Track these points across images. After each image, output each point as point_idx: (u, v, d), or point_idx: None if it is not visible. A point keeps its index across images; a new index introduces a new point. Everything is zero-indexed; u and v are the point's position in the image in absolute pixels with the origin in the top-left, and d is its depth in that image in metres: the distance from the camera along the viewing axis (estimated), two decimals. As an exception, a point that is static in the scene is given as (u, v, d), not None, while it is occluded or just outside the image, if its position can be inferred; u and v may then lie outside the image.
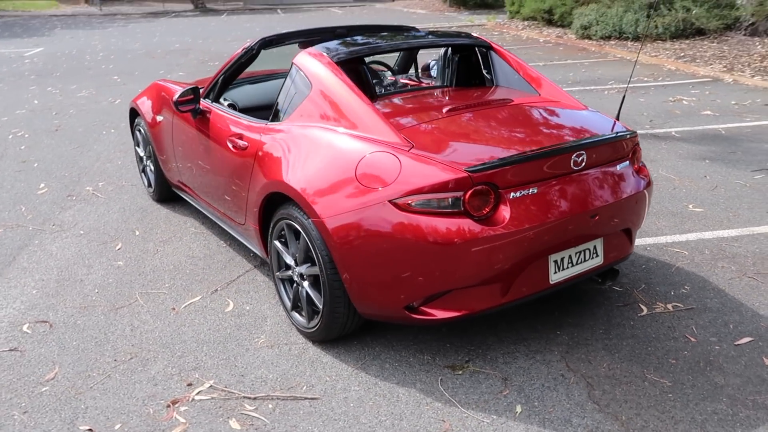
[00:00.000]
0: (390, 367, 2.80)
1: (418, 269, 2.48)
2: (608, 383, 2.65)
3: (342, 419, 2.48)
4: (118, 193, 5.07)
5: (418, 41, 3.44)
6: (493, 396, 2.59)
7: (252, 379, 2.74)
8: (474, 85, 3.61)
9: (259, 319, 3.21)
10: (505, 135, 2.75)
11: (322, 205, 2.62)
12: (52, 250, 4.06)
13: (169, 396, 2.64)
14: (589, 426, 2.40)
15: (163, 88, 4.39)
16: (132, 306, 3.36)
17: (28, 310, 3.35)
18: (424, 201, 2.44)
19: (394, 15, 23.36)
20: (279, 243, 3.06)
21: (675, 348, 2.89)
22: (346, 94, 2.86)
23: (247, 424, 2.46)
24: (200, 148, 3.70)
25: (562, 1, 15.77)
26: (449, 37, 3.57)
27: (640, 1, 12.95)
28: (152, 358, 2.91)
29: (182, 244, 4.10)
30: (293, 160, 2.83)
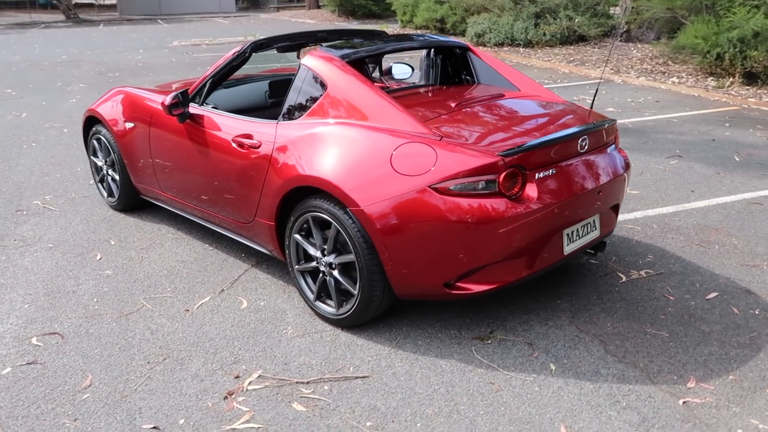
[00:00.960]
0: (423, 343, 3.00)
1: (459, 247, 2.71)
2: (617, 339, 3.01)
3: (399, 392, 2.65)
4: (72, 205, 4.88)
5: (410, 43, 3.66)
6: (525, 359, 2.86)
7: (296, 366, 2.84)
8: (457, 83, 3.90)
9: (278, 312, 3.30)
10: (518, 124, 3.05)
11: (360, 194, 2.78)
12: (26, 265, 3.88)
13: (220, 389, 2.68)
14: (616, 374, 2.74)
15: (131, 95, 4.31)
16: (141, 311, 3.33)
17: (27, 324, 3.22)
18: (462, 185, 2.67)
19: (283, 25, 23.37)
20: (299, 236, 3.16)
21: (660, 306, 3.31)
22: (366, 92, 3.04)
23: (311, 405, 2.57)
24: (190, 153, 3.70)
25: (453, 11, 16.57)
26: (434, 38, 3.83)
27: (527, 11, 13.92)
28: (186, 357, 2.92)
29: (166, 250, 4.06)
30: (321, 155, 2.96)
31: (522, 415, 2.49)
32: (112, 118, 4.37)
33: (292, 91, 3.29)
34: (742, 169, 5.57)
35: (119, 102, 4.39)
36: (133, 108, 4.22)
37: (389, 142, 2.84)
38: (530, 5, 13.92)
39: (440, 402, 2.58)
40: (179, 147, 3.80)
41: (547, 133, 2.92)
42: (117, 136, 4.33)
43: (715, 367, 2.79)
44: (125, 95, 4.37)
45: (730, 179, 5.29)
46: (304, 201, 3.06)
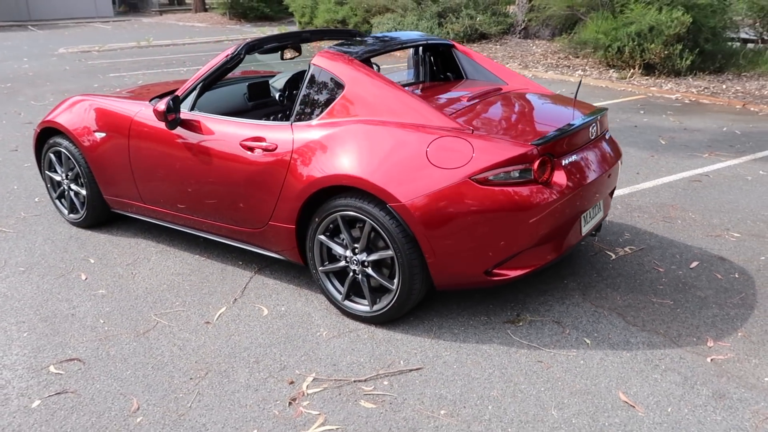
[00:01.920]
0: (459, 332, 3.09)
1: (499, 235, 2.83)
2: (631, 310, 3.25)
3: (457, 379, 2.73)
4: (26, 225, 4.53)
5: (405, 40, 3.73)
6: (560, 336, 3.03)
7: (346, 365, 2.85)
8: (448, 79, 4.02)
9: (303, 316, 3.27)
10: (532, 114, 3.22)
11: (400, 190, 2.83)
12: (2, 291, 3.58)
13: (280, 396, 2.64)
14: (644, 342, 2.97)
15: (99, 104, 4.07)
16: (158, 328, 3.18)
17: (36, 353, 2.99)
18: (500, 175, 2.80)
19: (172, 29, 22.51)
20: (324, 237, 3.16)
21: (654, 278, 3.60)
22: (389, 89, 3.09)
23: (379, 401, 2.60)
24: (184, 161, 3.57)
25: (354, 12, 16.71)
26: (423, 37, 3.92)
27: (430, 10, 14.32)
28: (228, 369, 2.84)
29: (156, 265, 3.88)
30: (352, 154, 2.97)
31: (579, 387, 2.65)
32: (77, 128, 4.11)
33: (304, 91, 3.26)
34: (670, 151, 6.10)
35: (84, 111, 4.13)
36: (104, 117, 3.99)
37: (422, 137, 2.91)
38: (432, 5, 14.32)
39: (500, 384, 2.69)
40: (169, 155, 3.64)
41: (564, 121, 3.10)
42: (84, 147, 4.08)
43: (723, 326, 3.09)
44: (90, 104, 4.12)
45: (665, 161, 5.78)
46: (331, 201, 3.06)
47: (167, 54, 14.91)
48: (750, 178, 5.25)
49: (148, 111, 3.80)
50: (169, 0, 34.61)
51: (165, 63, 13.31)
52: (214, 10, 26.88)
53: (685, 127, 7.00)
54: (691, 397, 2.57)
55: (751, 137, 6.54)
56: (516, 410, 2.53)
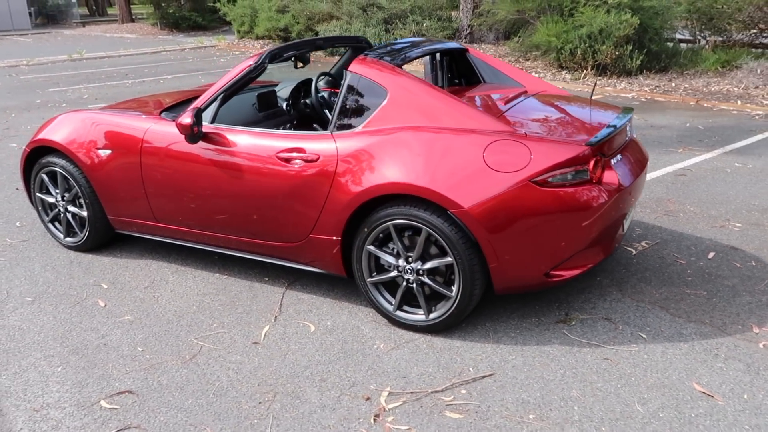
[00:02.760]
0: (516, 335, 3.10)
1: (560, 237, 2.85)
2: (671, 303, 3.35)
3: (532, 382, 2.73)
4: (16, 251, 4.22)
5: (428, 47, 3.71)
6: (616, 333, 3.08)
7: (416, 377, 2.79)
8: (467, 83, 4.02)
9: (353, 329, 3.19)
10: (571, 116, 3.26)
11: (461, 195, 2.81)
12: (17, 324, 3.32)
13: (361, 413, 2.57)
14: (696, 332, 3.06)
15: (100, 120, 3.85)
16: (205, 352, 3.03)
17: (79, 387, 2.79)
18: (560, 176, 2.82)
19: (99, 41, 21.61)
20: (374, 247, 3.10)
21: (679, 270, 3.72)
22: (434, 95, 3.06)
23: (464, 410, 2.57)
24: (209, 176, 3.42)
25: (296, 20, 16.55)
26: (441, 42, 3.91)
27: (376, 17, 14.37)
28: (296, 389, 2.74)
29: (176, 286, 3.70)
30: (404, 162, 2.92)
31: (653, 381, 2.70)
32: (76, 146, 3.87)
33: (343, 100, 3.19)
34: (647, 147, 6.33)
35: (82, 128, 3.89)
36: (109, 134, 3.78)
37: (477, 141, 2.90)
38: (378, 12, 14.37)
39: (576, 384, 2.70)
40: (190, 171, 3.48)
41: (605, 121, 3.16)
42: (86, 166, 3.84)
43: (761, 312, 3.22)
44: (90, 120, 3.89)
45: (645, 157, 5.99)
46: (381, 210, 3.00)
47: (105, 67, 14.31)
48: (729, 170, 5.52)
49: (162, 125, 3.62)
50: (90, 11, 33.26)
51: (106, 76, 12.77)
52: (143, 21, 26.03)
53: (651, 124, 7.29)
54: (761, 383, 2.66)
55: (714, 132, 6.88)
56: (601, 409, 2.54)
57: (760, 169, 5.53)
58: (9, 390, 2.78)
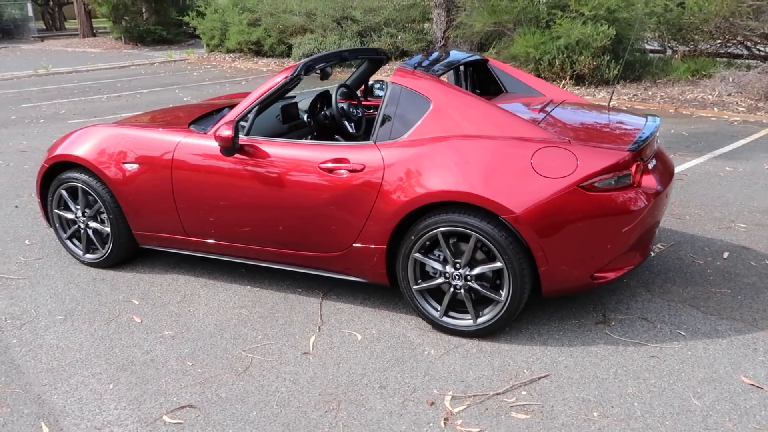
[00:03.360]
0: (560, 337, 3.18)
1: (607, 239, 2.95)
2: (701, 301, 3.48)
3: (588, 381, 2.81)
4: (33, 269, 4.13)
5: (455, 59, 3.80)
6: (655, 331, 3.20)
7: (474, 380, 2.85)
8: (490, 93, 4.11)
9: (399, 337, 3.23)
10: (603, 122, 3.38)
11: (512, 201, 2.89)
12: (54, 343, 3.26)
13: (428, 418, 2.61)
14: (730, 328, 3.19)
15: (125, 134, 3.81)
16: (256, 364, 3.03)
17: (137, 404, 2.75)
18: (606, 180, 2.93)
19: (63, 56, 21.14)
20: (420, 254, 3.15)
21: (699, 270, 3.87)
22: (477, 103, 3.14)
23: (529, 411, 2.63)
24: (248, 189, 3.42)
25: (268, 33, 16.53)
26: (464, 54, 4.01)
27: (350, 30, 14.48)
28: (358, 397, 2.76)
29: (210, 300, 3.68)
30: (453, 169, 2.99)
31: (702, 376, 2.81)
32: (101, 161, 3.82)
33: (385, 110, 3.24)
34: (638, 153, 6.53)
35: (106, 142, 3.84)
36: (137, 148, 3.74)
37: (524, 148, 2.98)
38: (353, 24, 14.48)
39: (630, 381, 2.79)
40: (226, 183, 3.48)
41: (638, 126, 3.29)
42: (111, 181, 3.79)
43: (785, 308, 3.38)
44: (114, 135, 3.84)
45: (639, 163, 6.19)
46: (428, 218, 3.06)
47: (74, 81, 14.03)
48: (722, 174, 5.75)
49: (194, 138, 3.61)
50: (47, 25, 32.52)
51: (78, 91, 12.52)
52: (105, 35, 25.57)
53: (637, 132, 7.52)
54: (803, 374, 2.80)
55: (698, 138, 7.15)
56: (660, 404, 2.64)
57: (750, 172, 5.77)
58: (64, 409, 2.72)
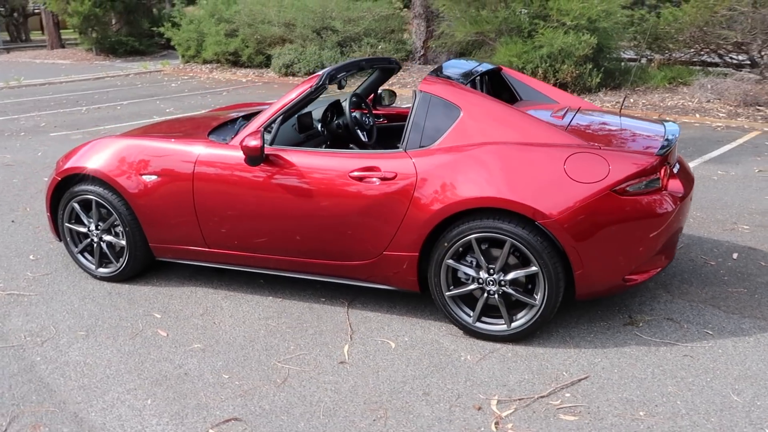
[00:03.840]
0: (593, 339, 3.22)
1: (639, 242, 3.01)
2: (720, 300, 3.57)
3: (628, 381, 2.85)
4: (44, 285, 4.03)
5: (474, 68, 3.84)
6: (683, 331, 3.26)
7: (515, 384, 2.87)
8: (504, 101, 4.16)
9: (432, 343, 3.24)
10: (626, 127, 3.45)
11: (547, 206, 2.93)
12: (79, 360, 3.18)
13: (478, 424, 2.62)
14: (753, 324, 3.28)
15: (141, 145, 3.76)
16: (294, 375, 3.00)
17: (180, 419, 2.71)
18: (637, 185, 2.99)
19: (32, 67, 20.68)
20: (453, 261, 3.17)
21: (713, 270, 3.97)
22: (508, 111, 3.18)
23: (576, 413, 2.66)
24: (275, 199, 3.40)
25: (245, 44, 16.45)
26: (480, 63, 4.06)
27: (330, 40, 14.50)
28: (404, 405, 2.76)
29: (234, 311, 3.64)
30: (487, 175, 3.02)
31: (737, 373, 2.88)
32: (117, 173, 3.76)
33: (415, 118, 3.26)
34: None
35: (121, 154, 3.79)
36: (155, 159, 3.69)
37: (556, 154, 3.03)
38: (333, 35, 14.50)
39: (669, 380, 2.85)
40: (252, 193, 3.46)
41: (659, 132, 3.37)
42: (128, 193, 3.74)
43: (802, 305, 3.49)
44: (130, 146, 3.79)
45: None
46: (462, 224, 3.08)
47: (49, 93, 13.75)
48: (716, 178, 5.90)
49: (216, 149, 3.58)
50: (12, 37, 31.82)
51: (55, 103, 12.28)
52: (75, 46, 25.12)
53: (626, 138, 7.67)
54: (833, 368, 2.89)
55: (686, 143, 7.33)
56: (702, 401, 2.69)
57: (743, 175, 5.94)
58: (105, 426, 2.66)
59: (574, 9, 10.17)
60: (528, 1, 10.95)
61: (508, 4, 11.08)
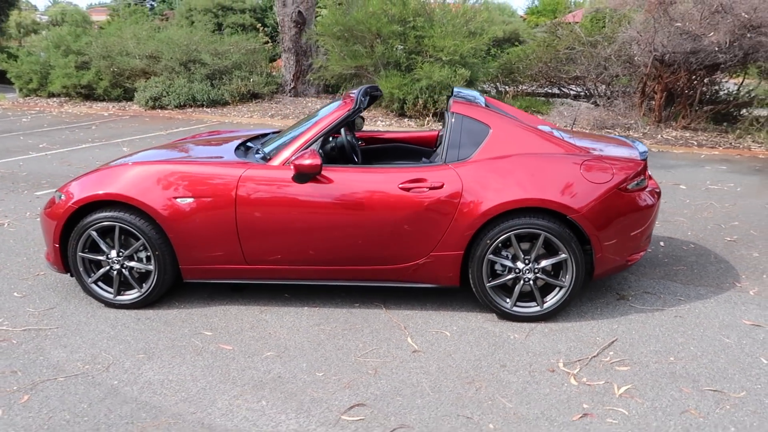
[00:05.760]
0: (601, 312, 3.93)
1: (637, 229, 3.80)
2: (674, 276, 4.49)
3: (649, 340, 3.58)
4: (56, 319, 3.89)
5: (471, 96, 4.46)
6: (662, 300, 4.09)
7: (566, 351, 3.47)
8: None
9: (479, 329, 3.74)
10: (604, 140, 4.27)
11: (575, 203, 3.61)
12: (160, 378, 3.24)
13: (559, 380, 3.18)
14: (707, 291, 4.21)
15: (170, 169, 3.84)
16: (381, 366, 3.34)
17: (305, 413, 2.94)
18: (633, 183, 3.79)
19: None
20: (493, 255, 3.73)
21: (653, 256, 4.92)
22: (524, 129, 3.84)
23: (626, 364, 3.32)
24: (324, 214, 3.68)
25: (98, 77, 15.73)
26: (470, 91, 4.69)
27: (199, 73, 14.44)
28: (491, 376, 3.23)
29: (280, 322, 3.85)
30: (524, 181, 3.62)
31: (717, 324, 3.74)
32: (148, 197, 3.81)
33: (452, 135, 3.78)
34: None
35: (150, 178, 3.83)
36: (191, 182, 3.81)
37: (573, 162, 3.73)
38: (201, 67, 14.45)
39: (675, 334, 3.63)
40: (300, 210, 3.72)
41: (629, 143, 4.22)
42: (162, 217, 3.80)
43: (730, 274, 4.51)
44: (157, 170, 3.84)
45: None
46: (503, 223, 3.65)
47: None
48: (609, 187, 7.06)
49: (257, 170, 3.80)
50: None
51: None
52: None
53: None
54: (777, 313, 3.86)
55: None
56: (707, 345, 3.49)
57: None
58: (238, 427, 2.82)
59: (448, 45, 11.30)
60: (403, 39, 11.92)
61: (384, 40, 11.95)
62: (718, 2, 9.17)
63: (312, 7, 14.99)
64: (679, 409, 2.92)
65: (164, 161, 3.95)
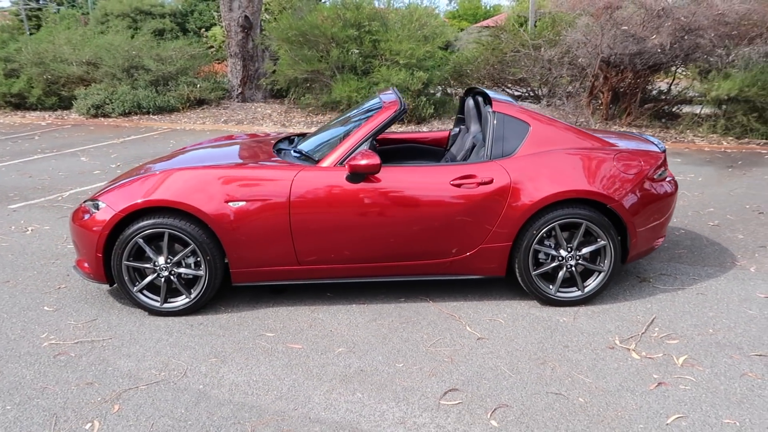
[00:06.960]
0: (632, 294, 4.24)
1: (662, 215, 4.14)
2: (681, 259, 4.89)
3: (683, 316, 3.91)
4: (105, 330, 3.83)
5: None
6: (681, 280, 4.46)
7: (615, 330, 3.75)
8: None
9: (528, 315, 3.97)
10: (613, 134, 4.61)
11: (614, 193, 3.90)
12: (244, 379, 3.27)
13: (620, 356, 3.45)
14: (713, 270, 4.62)
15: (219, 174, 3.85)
16: (453, 354, 3.51)
17: (404, 401, 3.07)
18: (658, 173, 4.13)
19: None
20: (538, 245, 3.97)
21: (652, 241, 5.32)
22: (560, 126, 4.10)
23: (674, 338, 3.64)
24: (379, 212, 3.79)
25: (30, 85, 15.02)
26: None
27: (143, 79, 14.05)
28: (559, 356, 3.46)
29: (333, 321, 3.94)
30: (568, 174, 3.87)
31: (737, 298, 4.12)
32: (200, 202, 3.81)
33: (495, 133, 3.99)
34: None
35: (200, 184, 3.82)
36: (240, 186, 3.84)
37: (607, 155, 4.03)
38: (145, 74, 14.07)
39: (705, 309, 3.98)
40: (355, 208, 3.82)
41: (642, 138, 4.58)
42: (215, 221, 3.81)
43: (730, 254, 4.96)
44: (205, 175, 3.84)
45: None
46: (548, 213, 3.89)
47: None
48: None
49: (309, 171, 3.88)
50: None
51: None
52: None
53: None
54: (782, 286, 4.30)
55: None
56: (737, 317, 3.85)
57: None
58: (346, 418, 2.90)
59: (405, 49, 11.55)
60: (359, 42, 12.08)
61: (339, 44, 12.07)
62: (660, 6, 9.87)
63: (257, 11, 14.88)
64: (738, 373, 3.25)
65: (214, 166, 3.95)
